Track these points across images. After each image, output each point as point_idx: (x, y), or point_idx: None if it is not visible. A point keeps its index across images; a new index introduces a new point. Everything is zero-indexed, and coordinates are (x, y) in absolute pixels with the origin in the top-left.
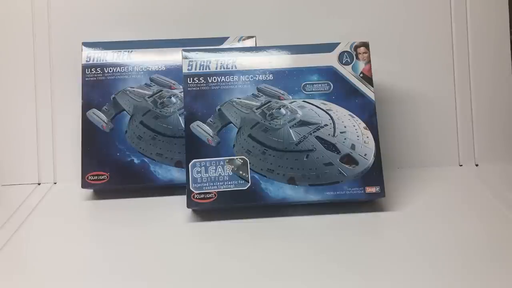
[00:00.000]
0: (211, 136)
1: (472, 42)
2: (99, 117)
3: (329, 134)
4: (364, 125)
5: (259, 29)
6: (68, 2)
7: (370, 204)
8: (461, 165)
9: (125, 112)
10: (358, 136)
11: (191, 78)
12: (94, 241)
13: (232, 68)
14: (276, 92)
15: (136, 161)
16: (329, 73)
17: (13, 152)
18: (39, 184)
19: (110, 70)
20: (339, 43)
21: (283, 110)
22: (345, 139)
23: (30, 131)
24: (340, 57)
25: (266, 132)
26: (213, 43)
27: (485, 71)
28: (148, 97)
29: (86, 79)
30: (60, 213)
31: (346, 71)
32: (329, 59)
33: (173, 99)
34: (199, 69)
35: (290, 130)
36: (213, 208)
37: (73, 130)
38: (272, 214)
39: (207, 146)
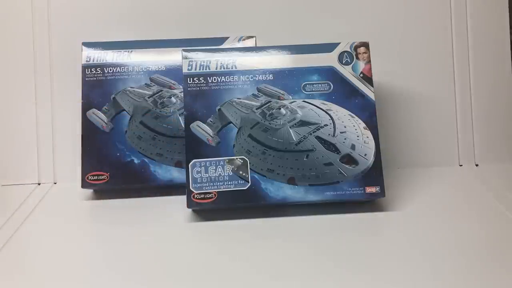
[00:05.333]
0: (211, 136)
1: (472, 42)
2: (99, 117)
3: (329, 134)
4: (364, 125)
5: (259, 29)
6: (68, 2)
7: (370, 204)
8: (461, 165)
9: (125, 112)
10: (358, 136)
11: (191, 78)
12: (94, 241)
13: (232, 68)
14: (276, 92)
15: (136, 161)
16: (329, 73)
17: (13, 152)
18: (39, 184)
19: (110, 70)
20: (339, 43)
21: (283, 110)
22: (345, 139)
23: (30, 131)
24: (340, 57)
25: (266, 132)
26: (213, 43)
27: (485, 71)
28: (148, 97)
29: (86, 79)
30: (60, 213)
31: (346, 71)
32: (329, 59)
33: (173, 99)
34: (199, 69)
35: (290, 130)
36: (213, 208)
37: (73, 130)
38: (272, 214)
39: (207, 146)
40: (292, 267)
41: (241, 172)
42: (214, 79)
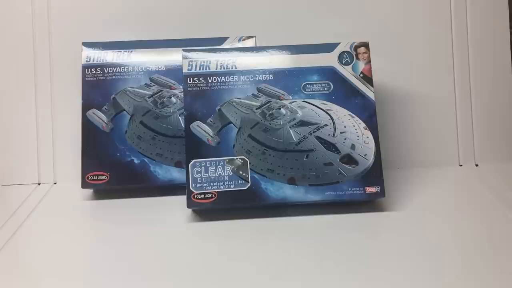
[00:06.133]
0: (211, 136)
1: (472, 42)
2: (99, 117)
3: (329, 134)
4: (364, 125)
5: (259, 29)
6: (68, 2)
7: (370, 204)
8: (461, 165)
9: (125, 112)
10: (358, 136)
11: (191, 78)
12: (94, 241)
13: (232, 68)
14: (276, 92)
15: (136, 161)
16: (329, 73)
17: (13, 152)
18: (39, 184)
19: (110, 70)
20: (339, 43)
21: (283, 110)
22: (345, 139)
23: (30, 131)
24: (340, 57)
25: (266, 132)
26: (213, 43)
27: (485, 71)
28: (148, 97)
29: (86, 79)
30: (60, 213)
31: (346, 71)
32: (329, 59)
33: (173, 99)
34: (199, 69)
35: (290, 130)
36: (213, 208)
37: (73, 130)
38: (272, 214)
39: (207, 146)
40: (292, 267)
41: (241, 172)
42: (214, 79)
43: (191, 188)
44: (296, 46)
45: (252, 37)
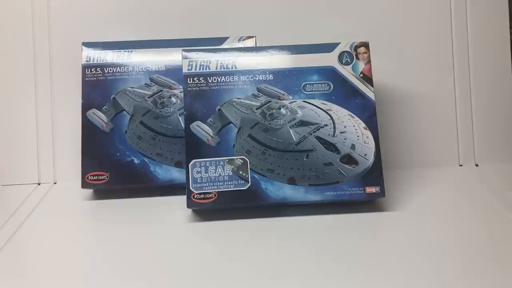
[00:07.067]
0: (211, 136)
1: (472, 42)
2: (99, 117)
3: (329, 134)
4: (364, 125)
5: (259, 29)
6: (68, 2)
7: (370, 204)
8: (461, 165)
9: (125, 112)
10: (358, 136)
11: (191, 78)
12: (94, 241)
13: (232, 68)
14: (276, 92)
15: (136, 161)
16: (329, 73)
17: (13, 152)
18: (39, 184)
19: (110, 70)
20: (339, 43)
21: (283, 110)
22: (345, 139)
23: (30, 131)
24: (340, 57)
25: (266, 132)
26: (213, 43)
27: (485, 71)
28: (148, 97)
29: (86, 79)
30: (60, 213)
31: (346, 71)
32: (329, 59)
33: (173, 99)
34: (199, 69)
35: (290, 130)
36: (213, 208)
37: (73, 130)
38: (272, 214)
39: (207, 146)
40: (292, 267)
41: (241, 172)
42: (214, 79)
43: (191, 188)
44: (296, 46)
45: (252, 37)
